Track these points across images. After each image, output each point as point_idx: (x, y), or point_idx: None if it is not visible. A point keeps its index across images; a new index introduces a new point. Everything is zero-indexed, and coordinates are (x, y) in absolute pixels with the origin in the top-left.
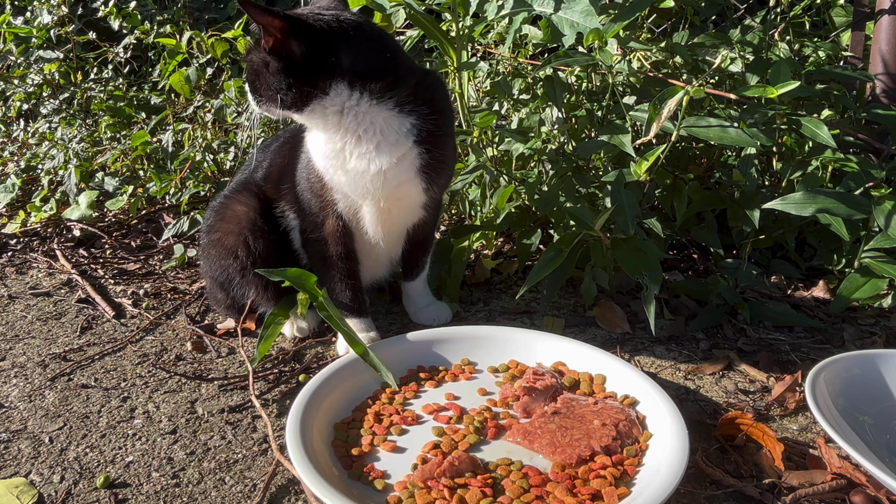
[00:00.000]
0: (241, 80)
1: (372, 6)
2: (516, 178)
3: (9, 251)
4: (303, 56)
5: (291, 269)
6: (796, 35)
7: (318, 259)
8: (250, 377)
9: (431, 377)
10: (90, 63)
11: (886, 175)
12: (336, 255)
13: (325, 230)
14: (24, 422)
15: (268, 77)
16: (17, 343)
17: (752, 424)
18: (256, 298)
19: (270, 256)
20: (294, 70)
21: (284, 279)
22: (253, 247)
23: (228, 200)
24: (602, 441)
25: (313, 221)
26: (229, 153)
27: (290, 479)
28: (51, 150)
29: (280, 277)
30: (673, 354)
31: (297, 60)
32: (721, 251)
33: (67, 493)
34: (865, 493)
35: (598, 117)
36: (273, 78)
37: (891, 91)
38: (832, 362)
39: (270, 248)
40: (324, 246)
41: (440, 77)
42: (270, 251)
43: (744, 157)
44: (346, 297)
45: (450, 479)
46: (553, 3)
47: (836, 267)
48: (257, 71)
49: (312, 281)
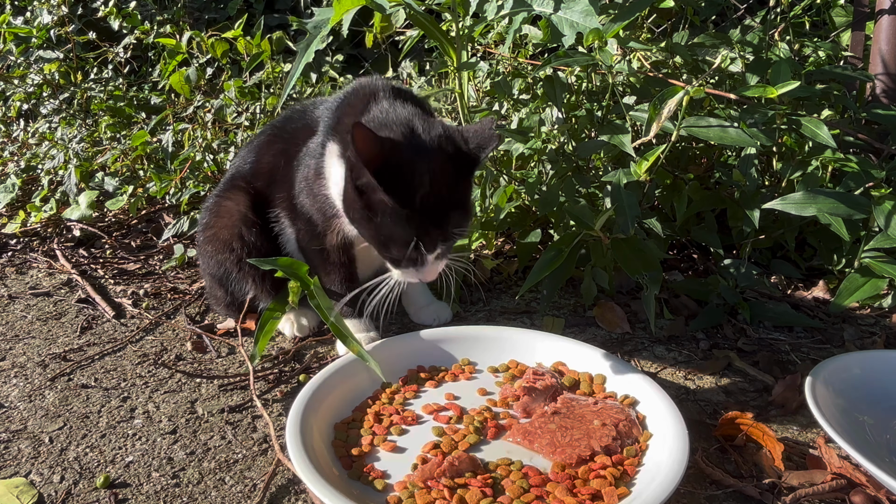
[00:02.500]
0: (241, 81)
1: (372, 6)
2: (516, 177)
3: (9, 251)
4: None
5: (283, 259)
6: (796, 35)
7: (317, 263)
8: (251, 376)
9: (431, 377)
10: (90, 63)
11: (886, 175)
12: (336, 262)
13: (327, 242)
14: (24, 422)
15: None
16: (17, 343)
17: (752, 424)
18: (255, 292)
19: (265, 247)
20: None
21: (276, 268)
22: (247, 238)
23: (220, 198)
24: (602, 441)
25: (312, 232)
26: (229, 153)
27: (290, 479)
28: (51, 150)
29: (271, 266)
30: (673, 354)
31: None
32: (721, 251)
33: (67, 493)
34: (865, 493)
35: (598, 117)
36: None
37: (891, 91)
38: (832, 362)
39: (264, 238)
40: (323, 254)
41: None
42: (264, 242)
43: (744, 157)
44: (340, 272)
45: (450, 479)
46: (553, 3)
47: (836, 267)
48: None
49: (304, 270)
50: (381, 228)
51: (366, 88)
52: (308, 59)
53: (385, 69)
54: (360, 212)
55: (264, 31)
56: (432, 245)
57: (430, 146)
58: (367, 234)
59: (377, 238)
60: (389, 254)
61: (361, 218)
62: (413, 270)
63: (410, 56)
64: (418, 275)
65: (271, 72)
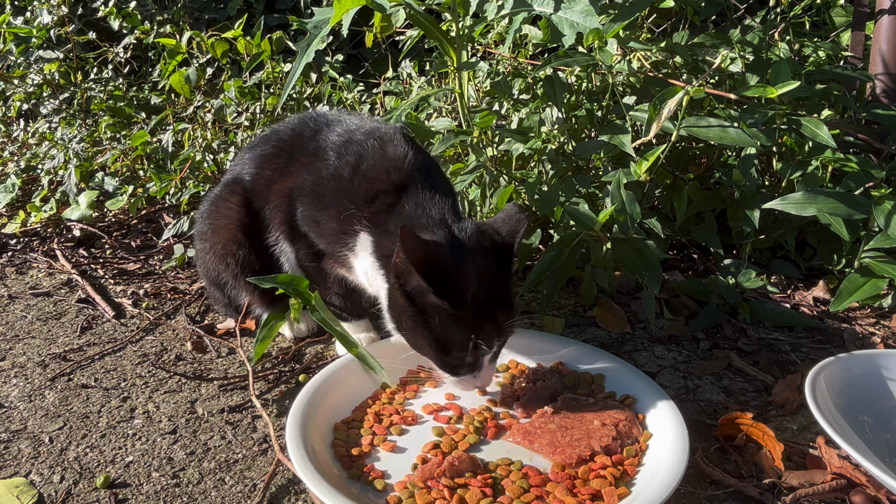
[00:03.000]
0: (241, 81)
1: (372, 6)
2: (516, 178)
3: (9, 251)
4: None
5: (283, 276)
6: (796, 35)
7: (317, 280)
8: (250, 377)
9: (431, 377)
10: (90, 63)
11: (886, 175)
12: (336, 278)
13: (325, 263)
14: (24, 422)
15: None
16: (17, 343)
17: (752, 424)
18: (250, 299)
19: (259, 260)
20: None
21: (276, 286)
22: (242, 255)
23: (218, 206)
24: (602, 441)
25: (314, 254)
26: (229, 153)
27: (290, 479)
28: (51, 150)
29: (272, 284)
30: (673, 354)
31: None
32: (721, 251)
33: (67, 493)
34: (865, 493)
35: (598, 117)
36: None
37: (891, 91)
38: (832, 362)
39: (259, 251)
40: (322, 273)
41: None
42: (259, 255)
43: (744, 157)
44: (346, 307)
45: (450, 479)
46: (553, 3)
47: (836, 267)
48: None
49: (304, 285)
50: (436, 332)
51: (393, 169)
52: (308, 59)
53: (385, 69)
54: (411, 319)
55: (264, 31)
56: (490, 342)
57: (469, 243)
58: (422, 341)
59: (433, 343)
60: (448, 358)
61: (414, 325)
62: (470, 377)
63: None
64: (476, 382)
65: (271, 72)
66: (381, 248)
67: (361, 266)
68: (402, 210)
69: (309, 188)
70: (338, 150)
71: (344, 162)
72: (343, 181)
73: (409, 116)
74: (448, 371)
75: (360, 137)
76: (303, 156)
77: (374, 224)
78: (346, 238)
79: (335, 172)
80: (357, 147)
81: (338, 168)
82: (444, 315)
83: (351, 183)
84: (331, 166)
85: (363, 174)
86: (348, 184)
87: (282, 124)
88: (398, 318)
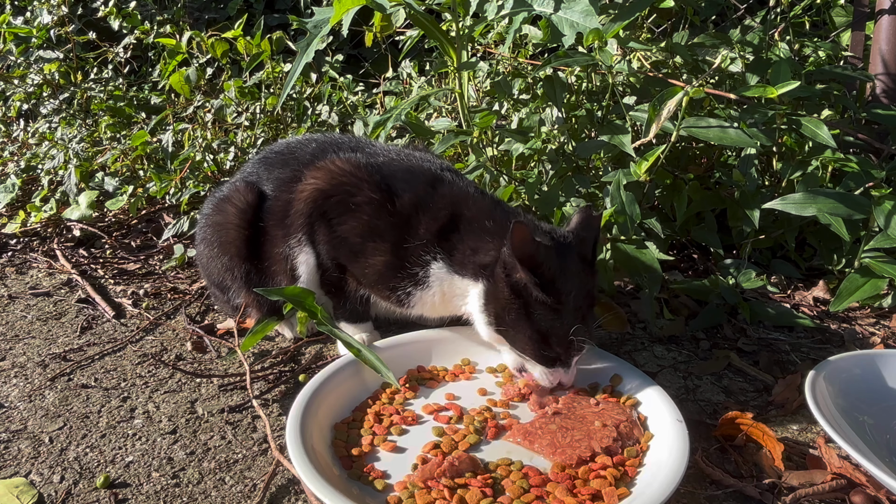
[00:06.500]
0: (241, 81)
1: (372, 6)
2: (516, 178)
3: (9, 251)
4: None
5: (289, 288)
6: (796, 35)
7: (337, 285)
8: (247, 376)
9: (431, 377)
10: (90, 63)
11: (886, 175)
12: (353, 288)
13: (349, 275)
14: (24, 422)
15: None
16: (17, 343)
17: (752, 424)
18: (248, 303)
19: (260, 265)
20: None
21: (283, 298)
22: (246, 266)
23: (222, 212)
24: (603, 442)
25: (339, 265)
26: (229, 153)
27: (290, 479)
28: (51, 150)
29: (278, 297)
30: (673, 354)
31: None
32: (721, 251)
33: (67, 493)
34: (865, 493)
35: (598, 117)
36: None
37: (891, 91)
38: (832, 362)
39: (259, 258)
40: (345, 282)
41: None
42: (259, 263)
43: (744, 157)
44: (356, 312)
45: (450, 479)
46: (553, 3)
47: (836, 267)
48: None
49: (311, 299)
50: (538, 325)
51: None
52: (308, 59)
53: (385, 69)
54: (515, 312)
55: (264, 31)
56: (583, 342)
57: (567, 248)
58: (522, 334)
59: (535, 335)
60: (547, 352)
61: (517, 318)
62: (561, 371)
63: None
64: (565, 377)
65: (271, 72)
66: (477, 257)
67: (435, 289)
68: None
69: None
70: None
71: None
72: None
73: (409, 116)
74: (545, 363)
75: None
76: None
77: (483, 276)
78: (431, 274)
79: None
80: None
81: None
82: (547, 310)
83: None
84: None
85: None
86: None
87: (306, 144)
88: (500, 313)
